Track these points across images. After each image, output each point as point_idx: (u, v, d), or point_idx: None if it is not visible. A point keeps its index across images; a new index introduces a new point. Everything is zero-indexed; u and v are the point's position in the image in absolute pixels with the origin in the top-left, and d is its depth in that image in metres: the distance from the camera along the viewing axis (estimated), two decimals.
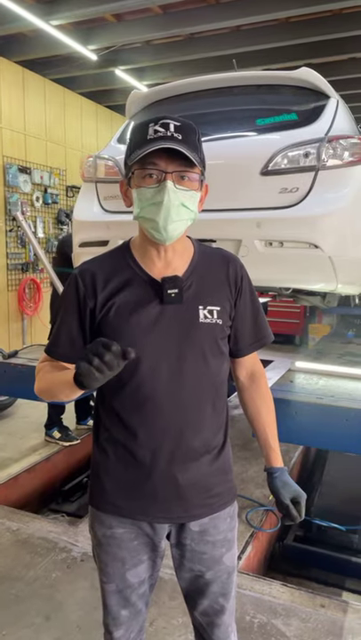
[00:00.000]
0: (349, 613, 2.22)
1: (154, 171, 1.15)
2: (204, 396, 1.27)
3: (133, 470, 1.27)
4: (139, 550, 1.32)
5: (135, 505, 1.28)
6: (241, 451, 3.88)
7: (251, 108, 2.91)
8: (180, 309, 1.22)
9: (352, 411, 2.24)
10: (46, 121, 7.36)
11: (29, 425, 4.45)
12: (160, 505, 1.28)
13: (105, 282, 1.23)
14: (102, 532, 1.32)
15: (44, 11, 5.36)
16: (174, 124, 1.14)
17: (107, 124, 8.72)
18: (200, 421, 1.27)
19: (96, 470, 1.33)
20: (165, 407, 1.23)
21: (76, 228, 3.00)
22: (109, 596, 1.35)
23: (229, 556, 1.38)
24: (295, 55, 6.19)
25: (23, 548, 2.66)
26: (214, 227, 2.55)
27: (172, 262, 1.25)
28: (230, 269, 1.31)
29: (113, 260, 1.28)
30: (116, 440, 1.28)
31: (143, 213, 1.18)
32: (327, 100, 2.74)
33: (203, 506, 1.31)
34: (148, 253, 1.25)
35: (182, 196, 1.16)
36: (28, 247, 6.91)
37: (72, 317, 1.26)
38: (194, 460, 1.27)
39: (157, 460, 1.25)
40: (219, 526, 1.34)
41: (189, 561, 1.35)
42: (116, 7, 5.24)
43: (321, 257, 2.40)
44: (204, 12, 5.47)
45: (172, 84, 3.10)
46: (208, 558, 1.34)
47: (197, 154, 1.16)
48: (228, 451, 1.37)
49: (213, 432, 1.31)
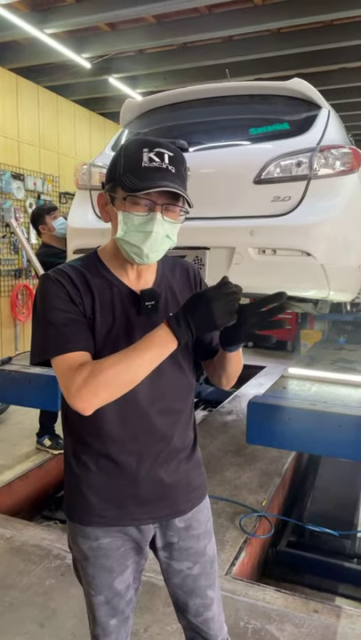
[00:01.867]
0: (342, 618, 2.23)
1: (145, 200, 1.17)
2: (181, 398, 1.34)
3: (118, 479, 1.28)
4: (125, 556, 1.34)
5: (123, 512, 1.30)
6: (234, 457, 3.89)
7: (244, 117, 2.96)
8: (155, 318, 1.24)
9: (345, 417, 2.26)
10: (40, 128, 7.39)
11: (22, 432, 4.43)
12: (147, 507, 1.31)
13: (84, 287, 1.22)
14: (88, 545, 1.32)
15: (38, 19, 5.40)
16: (168, 155, 1.17)
17: (100, 131, 8.76)
18: (179, 422, 1.33)
19: (77, 485, 1.31)
20: (148, 413, 1.26)
21: (71, 235, 3.02)
22: (98, 608, 1.35)
23: (210, 547, 1.45)
24: (286, 65, 6.27)
25: (17, 556, 2.65)
26: (208, 234, 2.58)
27: (143, 274, 1.29)
28: (190, 274, 1.39)
29: (86, 268, 1.26)
30: (97, 452, 1.28)
31: (127, 238, 1.19)
32: (319, 110, 2.79)
33: (186, 501, 1.37)
34: (121, 266, 1.27)
35: (168, 227, 1.19)
36: (20, 253, 6.91)
37: (73, 308, 1.19)
38: (173, 459, 1.33)
39: (142, 464, 1.28)
40: (200, 519, 1.41)
41: (177, 560, 1.38)
42: (110, 16, 5.30)
43: (313, 265, 2.43)
44: (197, 21, 5.54)
45: (166, 93, 3.14)
46: (193, 553, 1.39)
47: (184, 185, 1.20)
48: (198, 446, 1.44)
49: (187, 430, 1.38)
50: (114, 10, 5.13)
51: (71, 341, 1.16)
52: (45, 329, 1.19)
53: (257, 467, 3.77)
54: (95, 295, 1.23)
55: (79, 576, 1.41)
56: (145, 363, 1.11)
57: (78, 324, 1.18)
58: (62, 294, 1.19)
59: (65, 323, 1.17)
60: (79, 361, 1.15)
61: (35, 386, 2.75)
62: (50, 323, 1.18)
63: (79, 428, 1.29)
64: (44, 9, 5.40)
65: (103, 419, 1.25)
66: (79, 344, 1.17)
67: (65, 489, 1.38)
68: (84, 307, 1.21)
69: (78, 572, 1.40)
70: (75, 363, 1.14)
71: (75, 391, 1.11)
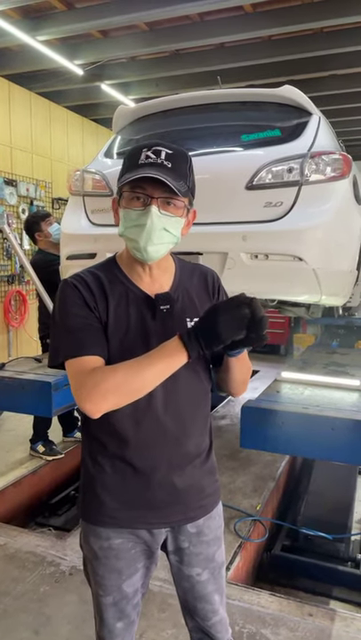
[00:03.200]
0: (337, 622, 2.24)
1: (141, 194, 1.19)
2: (196, 404, 1.34)
3: (132, 481, 1.30)
4: (135, 559, 1.35)
5: (135, 514, 1.31)
6: (228, 461, 3.90)
7: (236, 124, 2.99)
8: (170, 323, 1.27)
9: (338, 420, 2.27)
10: (32, 134, 7.40)
11: (15, 438, 4.41)
12: (160, 511, 1.32)
13: (100, 292, 1.25)
14: (99, 545, 1.33)
15: (30, 26, 5.42)
16: (166, 152, 1.19)
17: (92, 136, 8.79)
18: (194, 428, 1.33)
19: (91, 485, 1.33)
20: (162, 418, 1.27)
21: (64, 240, 3.02)
22: (106, 609, 1.37)
23: (220, 553, 1.45)
24: (278, 72, 6.33)
25: (11, 563, 2.63)
26: (201, 240, 2.59)
27: (158, 278, 1.30)
28: (208, 281, 1.39)
29: (102, 273, 1.29)
30: (113, 454, 1.30)
31: (127, 233, 1.23)
32: (309, 117, 2.82)
33: (198, 507, 1.37)
34: (135, 269, 1.29)
35: (166, 221, 1.20)
36: (14, 259, 6.90)
37: (89, 313, 1.22)
38: (187, 465, 1.33)
39: (156, 468, 1.29)
40: (211, 525, 1.41)
41: (188, 565, 1.39)
42: (101, 24, 5.32)
43: (305, 269, 2.46)
44: (189, 29, 5.58)
45: (158, 100, 3.16)
46: (203, 558, 1.40)
47: (185, 182, 1.21)
48: (213, 452, 1.44)
49: (202, 436, 1.38)
50: (106, 17, 5.16)
51: (85, 345, 1.19)
52: (61, 333, 1.23)
53: (251, 471, 3.78)
54: (111, 300, 1.25)
55: (88, 577, 1.42)
56: (155, 373, 1.15)
57: (93, 329, 1.22)
58: (79, 300, 1.23)
59: (80, 327, 1.21)
60: (92, 365, 1.17)
61: (28, 392, 2.74)
62: (66, 327, 1.22)
63: (96, 429, 1.31)
64: (36, 16, 5.42)
65: (119, 422, 1.27)
66: (93, 349, 1.20)
67: (80, 488, 1.39)
68: (99, 312, 1.24)
69: (88, 572, 1.41)
70: (87, 366, 1.17)
71: (85, 394, 1.15)
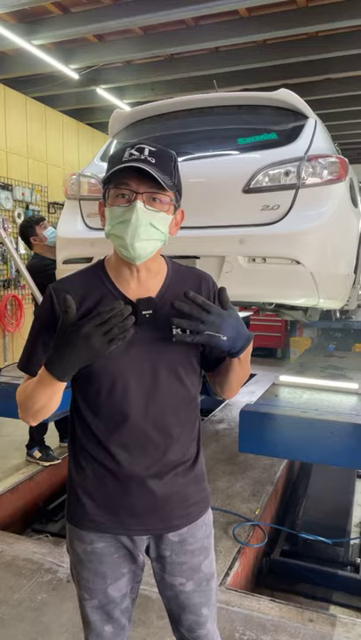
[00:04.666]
0: (337, 627, 2.22)
1: (126, 191, 1.18)
2: (179, 412, 1.30)
3: (112, 486, 1.28)
4: (119, 563, 1.33)
5: (114, 520, 1.30)
6: (226, 465, 3.88)
7: (232, 127, 2.98)
8: (155, 329, 1.24)
9: (336, 424, 2.26)
10: (28, 138, 7.39)
11: (12, 444, 4.38)
12: (139, 518, 1.29)
13: (79, 300, 1.23)
14: (82, 549, 1.33)
15: (25, 30, 5.42)
16: (149, 149, 1.19)
17: (88, 141, 8.79)
18: (176, 436, 1.29)
19: (74, 488, 1.33)
20: (142, 425, 1.25)
21: (61, 245, 3.01)
22: (92, 612, 1.35)
23: (207, 564, 1.40)
24: (273, 76, 6.35)
25: (8, 571, 2.60)
26: (198, 243, 2.58)
27: (145, 282, 1.27)
28: (203, 287, 1.33)
29: (87, 278, 1.28)
30: (93, 458, 1.29)
31: (113, 231, 1.20)
32: (306, 120, 2.82)
33: (181, 516, 1.33)
34: (121, 273, 1.26)
35: (151, 216, 1.18)
36: (9, 264, 6.87)
37: (47, 332, 1.24)
38: (169, 473, 1.30)
39: (135, 475, 1.27)
40: (196, 534, 1.36)
41: (170, 574, 1.36)
42: (97, 28, 5.33)
43: (303, 272, 2.45)
44: (184, 33, 5.60)
45: (154, 104, 3.16)
46: (188, 568, 1.36)
47: (170, 178, 1.19)
48: (202, 460, 1.41)
49: (187, 444, 1.34)
50: (101, 21, 5.18)
51: (28, 363, 1.29)
52: (26, 342, 1.33)
53: (249, 475, 3.76)
54: (89, 309, 1.23)
55: (75, 580, 1.40)
56: (41, 398, 1.20)
57: (44, 349, 1.26)
58: (47, 314, 1.27)
59: (34, 345, 1.29)
60: (26, 382, 1.28)
61: None
62: (29, 338, 1.32)
63: (79, 433, 1.31)
64: (31, 20, 5.43)
65: (98, 426, 1.26)
66: (33, 369, 1.26)
67: (66, 492, 1.38)
68: None
69: (73, 575, 1.40)
70: (24, 380, 1.30)
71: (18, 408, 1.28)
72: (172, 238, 1.27)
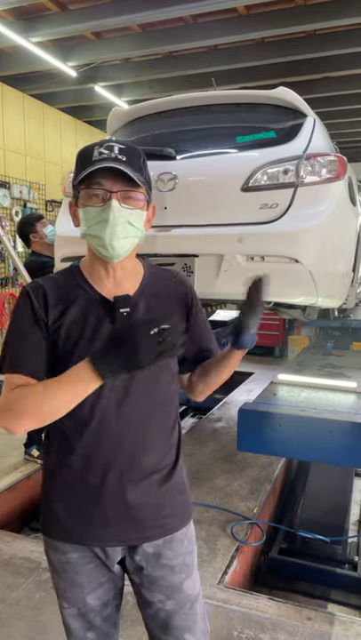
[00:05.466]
0: (336, 625, 2.22)
1: (99, 190, 1.17)
2: (154, 416, 1.26)
3: (83, 494, 1.24)
4: (96, 573, 1.28)
5: (86, 530, 1.25)
6: (224, 464, 3.88)
7: (231, 125, 2.97)
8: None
9: (335, 422, 2.27)
10: (25, 136, 7.37)
11: (10, 442, 4.36)
12: (111, 528, 1.24)
13: (55, 300, 1.22)
14: (57, 559, 1.28)
15: (23, 28, 5.40)
16: (119, 147, 1.17)
17: (86, 138, 8.77)
18: (149, 441, 1.25)
19: (47, 496, 1.29)
20: (114, 428, 1.21)
21: (59, 243, 3.00)
22: (73, 620, 1.31)
23: (190, 583, 1.32)
24: (271, 74, 6.36)
25: (5, 569, 2.60)
26: (196, 242, 2.58)
27: (122, 282, 1.25)
28: (180, 290, 1.33)
29: (63, 279, 1.27)
30: (65, 464, 1.24)
31: (90, 231, 1.19)
32: (304, 119, 2.81)
33: (155, 527, 1.27)
34: (97, 273, 1.25)
35: (127, 214, 1.18)
36: (7, 262, 6.86)
37: (33, 330, 1.20)
38: (143, 480, 1.25)
39: (107, 481, 1.22)
40: (175, 549, 1.30)
41: (148, 590, 1.30)
42: (95, 26, 5.33)
43: (301, 271, 2.45)
44: (183, 31, 5.59)
45: (152, 102, 3.15)
46: (166, 585, 1.29)
47: (141, 174, 1.19)
48: (181, 470, 1.35)
49: (164, 451, 1.29)
50: (99, 19, 5.17)
51: (18, 363, 1.19)
52: (6, 344, 1.23)
53: (247, 474, 3.77)
54: (67, 308, 1.21)
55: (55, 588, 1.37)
56: (66, 398, 1.10)
57: (32, 345, 1.19)
58: (28, 313, 1.21)
59: (19, 342, 1.20)
60: (17, 383, 1.16)
61: None
62: (10, 339, 1.22)
63: (51, 438, 1.27)
64: (29, 18, 5.41)
65: (69, 428, 1.22)
66: (24, 367, 1.18)
67: (40, 500, 1.33)
68: (47, 323, 1.20)
69: (53, 584, 1.36)
70: (13, 384, 1.16)
71: (1, 413, 1.14)
72: (170, 236, 1.27)
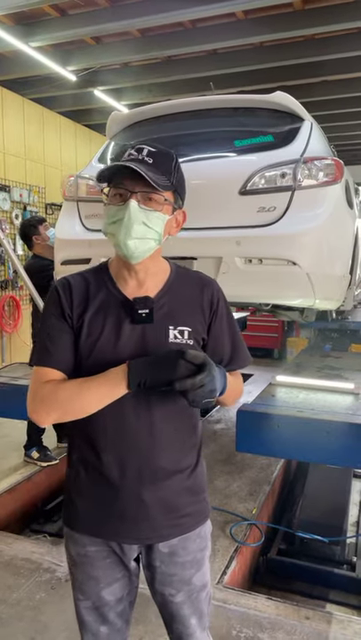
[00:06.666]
0: (334, 624, 2.24)
1: (122, 190, 1.19)
2: (173, 417, 1.28)
3: (103, 490, 1.27)
4: (112, 568, 1.32)
5: (105, 524, 1.28)
6: (224, 465, 3.90)
7: (229, 129, 3.00)
8: (151, 329, 1.23)
9: (332, 423, 2.29)
10: (25, 139, 7.40)
11: (10, 444, 4.38)
12: (128, 525, 1.27)
13: (80, 297, 1.25)
14: (76, 551, 1.32)
15: (23, 33, 5.44)
16: (149, 150, 1.20)
17: (85, 142, 8.81)
18: (168, 441, 1.27)
19: (69, 490, 1.33)
20: (133, 427, 1.23)
21: (59, 245, 3.03)
22: (87, 612, 1.35)
23: (199, 576, 1.37)
24: (270, 78, 6.38)
25: (6, 570, 2.62)
26: (195, 244, 2.60)
27: (144, 282, 1.27)
28: (206, 293, 1.31)
29: (91, 277, 1.30)
30: (86, 460, 1.28)
31: (108, 229, 1.22)
32: (302, 123, 2.84)
33: (172, 526, 1.30)
34: (121, 273, 1.27)
35: (145, 215, 1.18)
36: (7, 264, 6.88)
37: (61, 325, 1.24)
38: (163, 480, 1.27)
39: (125, 480, 1.25)
40: (188, 547, 1.33)
41: (160, 584, 1.34)
42: (94, 30, 5.36)
43: (299, 273, 2.47)
44: (182, 35, 5.62)
45: (152, 106, 3.18)
46: (178, 580, 1.33)
47: (168, 178, 1.20)
48: (202, 470, 1.37)
49: (184, 452, 1.31)
50: (98, 24, 5.20)
51: (48, 358, 1.23)
52: (38, 339, 1.28)
53: (246, 475, 3.78)
54: (90, 305, 1.24)
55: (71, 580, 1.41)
56: (95, 397, 1.18)
57: (63, 341, 1.23)
58: (57, 308, 1.25)
59: (50, 338, 1.24)
60: (48, 377, 1.22)
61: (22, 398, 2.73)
62: (41, 335, 1.27)
63: (74, 432, 1.31)
64: (29, 22, 5.44)
65: (91, 426, 1.25)
66: (55, 362, 1.23)
67: (63, 493, 1.39)
68: (73, 319, 1.24)
69: (70, 576, 1.40)
70: (44, 377, 1.22)
71: (32, 406, 1.22)
72: (169, 239, 1.29)
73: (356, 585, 3.03)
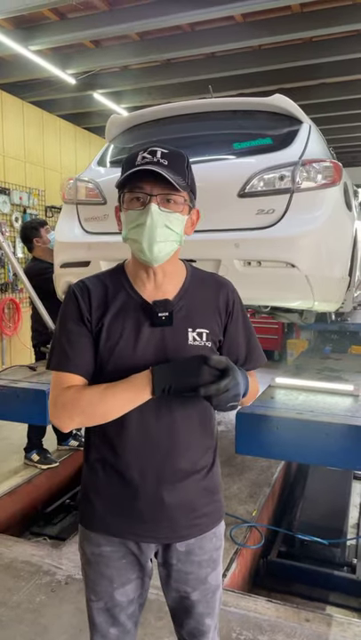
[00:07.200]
0: (333, 627, 2.24)
1: (140, 194, 1.19)
2: (192, 418, 1.29)
3: (121, 490, 1.28)
4: (127, 569, 1.33)
5: (123, 524, 1.29)
6: (224, 467, 3.89)
7: (227, 132, 3.01)
8: (170, 332, 1.24)
9: (332, 425, 2.28)
10: (25, 142, 7.42)
11: (10, 447, 4.38)
12: (147, 525, 1.28)
13: (99, 301, 1.25)
14: (91, 550, 1.33)
15: (22, 36, 5.45)
16: (162, 151, 1.20)
17: (85, 145, 8.82)
18: (187, 442, 1.28)
19: (86, 489, 1.34)
20: (153, 429, 1.25)
21: (58, 248, 3.03)
22: (98, 613, 1.36)
23: (214, 576, 1.39)
24: (268, 80, 6.41)
25: (6, 573, 2.61)
26: (194, 247, 2.59)
27: (162, 285, 1.27)
28: (221, 294, 1.32)
29: (108, 279, 1.30)
30: (104, 460, 1.29)
31: (129, 235, 1.22)
32: (300, 125, 2.85)
33: (190, 526, 1.32)
34: (138, 275, 1.27)
35: (166, 217, 1.19)
36: (7, 267, 6.89)
37: (80, 329, 1.24)
38: (181, 481, 1.28)
39: (145, 480, 1.26)
40: (204, 546, 1.35)
41: (175, 581, 1.36)
42: (93, 34, 5.37)
43: (298, 276, 2.48)
44: (180, 38, 5.63)
45: (151, 109, 3.19)
46: (194, 578, 1.35)
47: (183, 179, 1.21)
48: (217, 471, 1.39)
49: (201, 453, 1.32)
50: (97, 27, 5.21)
51: (68, 363, 1.23)
52: (56, 342, 1.27)
53: (246, 477, 3.78)
54: (109, 308, 1.24)
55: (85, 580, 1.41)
56: (118, 403, 1.18)
57: (82, 345, 1.23)
58: (75, 312, 1.25)
59: (69, 343, 1.24)
60: (70, 382, 1.22)
61: (23, 400, 2.74)
62: (59, 338, 1.26)
63: (92, 434, 1.31)
64: (28, 26, 5.46)
65: (111, 427, 1.25)
66: (75, 367, 1.23)
67: (79, 493, 1.39)
68: (92, 323, 1.24)
69: (83, 576, 1.41)
70: (65, 383, 1.22)
71: (54, 411, 1.22)
72: None
73: (357, 587, 3.02)
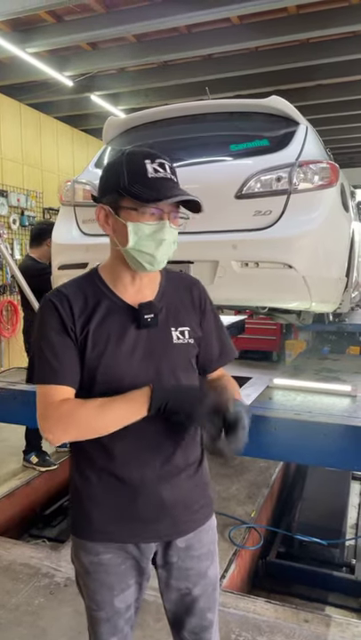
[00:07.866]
0: (332, 627, 2.24)
1: (156, 210, 1.20)
2: None
3: (119, 493, 1.28)
4: (126, 574, 1.33)
5: (123, 528, 1.29)
6: (222, 468, 3.89)
7: (224, 134, 3.02)
8: (156, 333, 1.26)
9: (329, 426, 2.29)
10: (22, 145, 7.42)
11: (8, 449, 4.38)
12: (148, 525, 1.29)
13: (80, 308, 1.24)
14: (89, 560, 1.32)
15: (19, 38, 5.46)
16: (168, 166, 1.21)
17: (82, 147, 8.83)
18: (181, 439, 1.30)
19: (79, 498, 1.32)
20: (149, 429, 1.24)
21: (55, 250, 3.03)
22: (100, 624, 1.35)
23: (213, 569, 1.42)
24: (265, 82, 6.42)
25: (5, 575, 2.61)
26: (192, 248, 2.61)
27: (143, 289, 1.29)
28: (194, 292, 1.38)
29: (84, 286, 1.28)
30: (99, 467, 1.28)
31: (139, 247, 1.20)
32: (297, 127, 2.86)
33: (188, 521, 1.34)
34: (121, 280, 1.27)
35: (175, 234, 1.24)
36: (5, 269, 6.89)
37: (64, 340, 1.22)
38: (175, 477, 1.30)
39: (143, 480, 1.26)
40: (202, 539, 1.37)
41: (176, 579, 1.37)
42: (90, 36, 5.38)
43: (295, 277, 2.48)
44: (177, 40, 5.65)
45: (148, 111, 3.19)
46: (195, 574, 1.36)
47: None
48: (206, 465, 1.42)
49: (192, 448, 1.35)
50: (94, 30, 5.22)
51: (57, 375, 1.21)
52: (38, 355, 1.24)
53: (245, 478, 3.79)
54: (92, 315, 1.23)
55: (81, 590, 1.40)
56: (115, 418, 1.18)
57: (68, 357, 1.22)
58: (56, 323, 1.22)
59: (54, 355, 1.21)
60: (60, 395, 1.20)
61: (21, 402, 2.74)
62: (41, 351, 1.23)
63: (83, 443, 1.29)
64: (25, 29, 5.46)
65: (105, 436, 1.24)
66: (63, 379, 1.21)
67: (70, 503, 1.38)
68: (76, 332, 1.22)
69: (80, 586, 1.40)
70: (55, 397, 1.20)
71: (47, 426, 1.19)
72: None
73: (355, 587, 3.03)
